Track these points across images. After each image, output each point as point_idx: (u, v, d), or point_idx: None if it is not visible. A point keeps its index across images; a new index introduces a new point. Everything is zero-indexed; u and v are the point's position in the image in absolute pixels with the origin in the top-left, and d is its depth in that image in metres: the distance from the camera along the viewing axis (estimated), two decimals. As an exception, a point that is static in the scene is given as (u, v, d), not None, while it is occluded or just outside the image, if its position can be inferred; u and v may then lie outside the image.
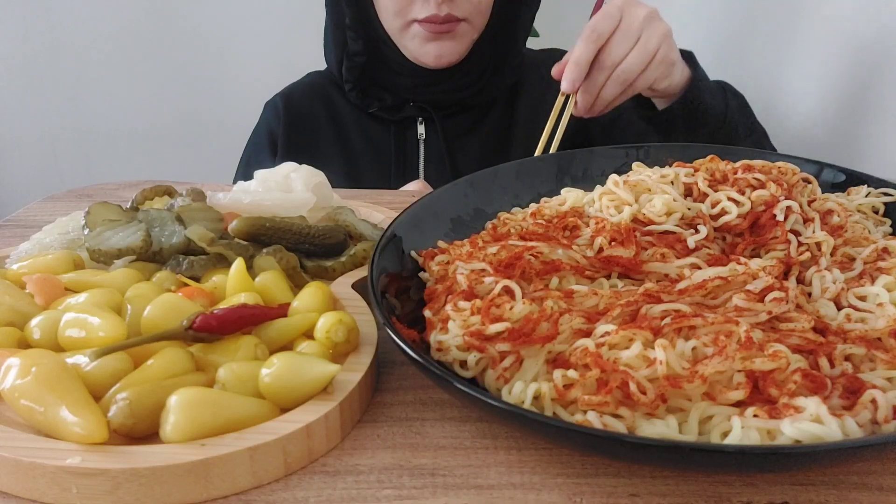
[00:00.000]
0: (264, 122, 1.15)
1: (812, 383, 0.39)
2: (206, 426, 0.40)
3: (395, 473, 0.41)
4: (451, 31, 1.01)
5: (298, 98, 1.14)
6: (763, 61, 1.33)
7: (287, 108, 1.13)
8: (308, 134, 1.12)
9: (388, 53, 1.07)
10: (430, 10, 0.97)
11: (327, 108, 1.13)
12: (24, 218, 0.74)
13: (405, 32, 1.02)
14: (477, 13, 1.02)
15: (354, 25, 1.05)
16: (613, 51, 0.81)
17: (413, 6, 0.99)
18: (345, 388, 0.43)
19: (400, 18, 1.01)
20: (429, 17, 0.98)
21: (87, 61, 2.24)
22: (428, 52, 1.02)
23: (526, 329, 0.44)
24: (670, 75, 0.86)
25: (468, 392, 0.39)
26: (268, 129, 1.13)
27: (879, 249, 0.53)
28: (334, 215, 0.64)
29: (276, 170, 0.69)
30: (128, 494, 0.38)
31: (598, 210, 0.59)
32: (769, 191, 0.57)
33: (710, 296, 0.48)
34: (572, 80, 0.83)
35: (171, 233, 0.57)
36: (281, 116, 1.12)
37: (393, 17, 1.01)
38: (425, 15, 0.98)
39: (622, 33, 0.81)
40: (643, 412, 0.39)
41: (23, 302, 0.51)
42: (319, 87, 1.15)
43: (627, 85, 0.83)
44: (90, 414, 0.39)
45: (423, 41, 1.01)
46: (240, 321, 0.47)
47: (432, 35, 1.00)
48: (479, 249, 0.53)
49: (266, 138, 1.13)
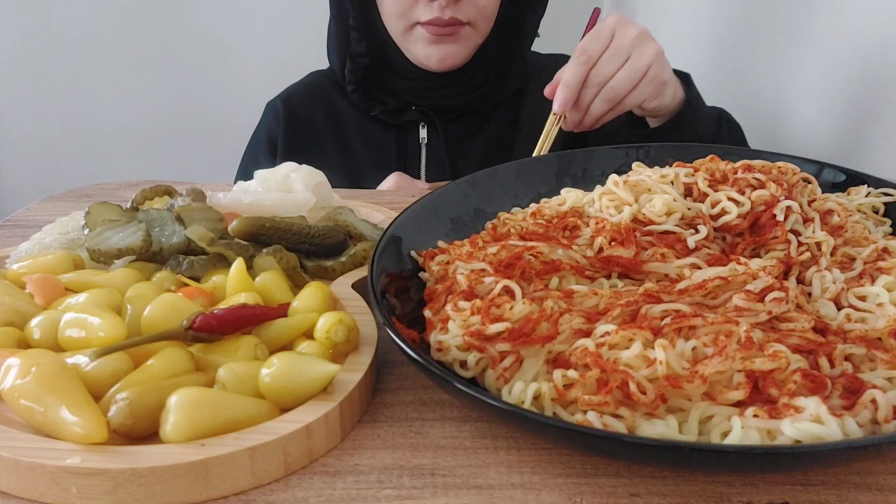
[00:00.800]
0: (264, 125, 1.15)
1: (812, 383, 0.39)
2: (206, 426, 0.40)
3: (395, 473, 0.41)
4: (455, 34, 1.00)
5: (299, 100, 1.14)
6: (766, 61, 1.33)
7: (287, 110, 1.12)
8: (308, 136, 1.11)
9: (391, 56, 1.06)
10: (433, 12, 0.97)
11: (328, 110, 1.12)
12: (24, 218, 0.74)
13: (408, 35, 1.02)
14: (482, 17, 1.01)
15: (358, 27, 1.05)
16: (602, 69, 0.83)
17: (416, 8, 0.98)
18: (345, 388, 0.43)
19: (403, 21, 1.00)
20: (432, 20, 0.97)
21: (88, 61, 2.24)
22: (431, 54, 1.02)
23: (526, 329, 0.44)
24: (661, 95, 0.86)
25: (468, 392, 0.39)
26: (267, 132, 1.13)
27: (879, 249, 0.53)
28: (334, 215, 0.64)
29: (276, 170, 0.69)
30: (128, 494, 0.38)
31: (598, 210, 0.59)
32: (769, 191, 0.57)
33: (710, 296, 0.48)
34: (563, 102, 0.84)
35: (171, 233, 0.57)
36: (281, 119, 1.12)
37: (396, 19, 1.01)
38: (428, 17, 0.97)
39: (612, 52, 0.83)
40: (643, 412, 0.39)
41: (23, 302, 0.50)
42: (321, 89, 1.15)
43: (616, 102, 0.85)
44: (90, 414, 0.39)
45: (427, 44, 1.01)
46: (240, 321, 0.47)
47: (435, 38, 1.00)
48: (479, 249, 0.53)
49: (265, 141, 1.13)
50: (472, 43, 1.04)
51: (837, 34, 1.11)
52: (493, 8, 1.03)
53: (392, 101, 1.08)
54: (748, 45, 1.40)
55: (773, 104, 1.28)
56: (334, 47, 1.11)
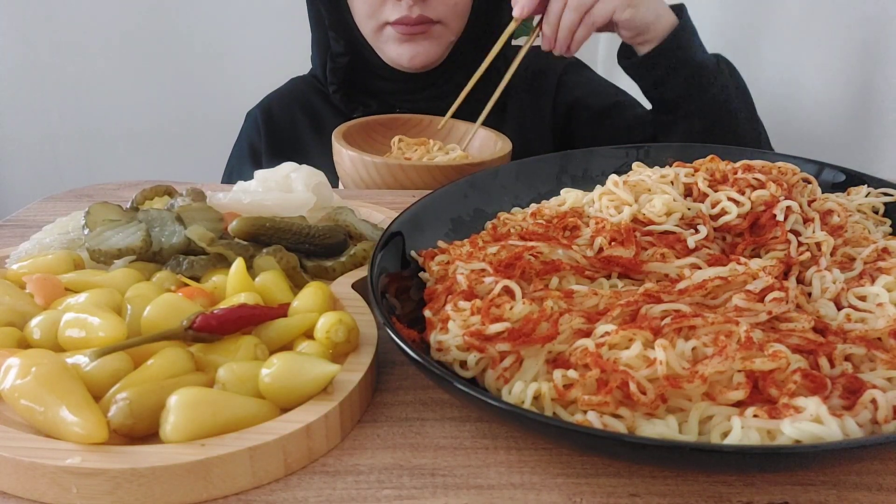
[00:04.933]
0: (245, 135, 1.14)
1: (812, 383, 0.39)
2: (206, 426, 0.40)
3: (395, 473, 0.41)
4: (426, 33, 0.99)
5: (278, 108, 1.13)
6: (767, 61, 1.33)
7: (266, 120, 1.11)
8: (291, 143, 1.11)
9: (368, 57, 1.06)
10: (401, 11, 0.96)
11: (309, 115, 1.12)
12: (24, 218, 0.74)
13: (379, 35, 1.02)
14: (453, 15, 1.01)
15: (334, 26, 1.05)
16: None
17: (384, 8, 0.98)
18: (345, 388, 0.43)
19: (373, 21, 1.00)
20: (400, 19, 0.97)
21: (88, 61, 2.24)
22: (402, 53, 1.01)
23: (526, 329, 0.44)
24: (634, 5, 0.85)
25: (468, 392, 0.39)
26: (248, 142, 1.13)
27: (879, 249, 0.53)
28: (334, 215, 0.64)
29: (276, 170, 0.69)
30: (128, 494, 0.38)
31: (597, 210, 0.59)
32: (769, 191, 0.57)
33: (710, 296, 0.48)
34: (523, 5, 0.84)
35: (171, 233, 0.57)
36: (261, 128, 1.11)
37: (366, 19, 1.01)
38: (397, 16, 0.97)
39: None
40: (643, 412, 0.39)
41: (23, 302, 0.50)
42: (300, 94, 1.14)
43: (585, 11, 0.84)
44: (90, 414, 0.39)
45: (397, 43, 1.00)
46: (240, 321, 0.47)
47: (405, 37, 0.99)
48: (479, 249, 0.53)
49: (247, 151, 1.12)
50: (445, 41, 1.03)
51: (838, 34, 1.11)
52: (464, 5, 1.02)
53: (375, 104, 1.08)
54: (749, 44, 1.40)
55: (773, 104, 1.28)
56: (316, 49, 1.10)
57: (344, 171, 0.88)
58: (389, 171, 0.83)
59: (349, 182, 0.88)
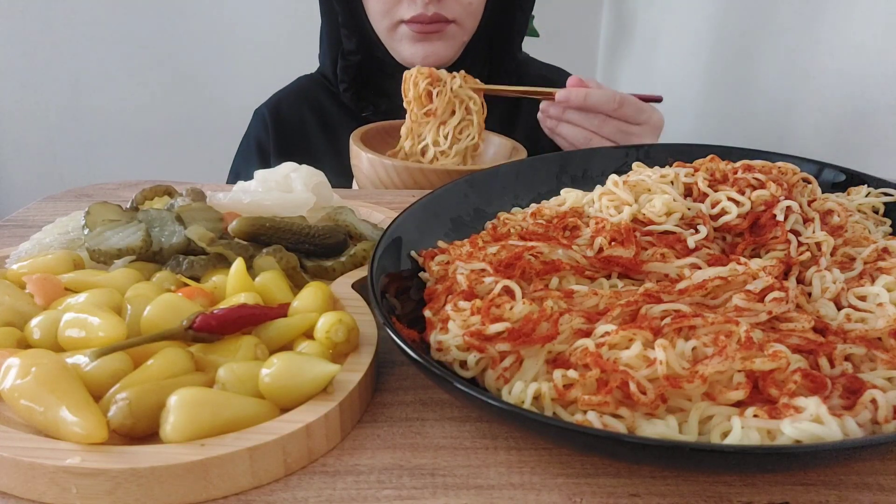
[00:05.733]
0: (252, 132, 1.14)
1: (812, 383, 0.39)
2: (206, 426, 0.40)
3: (395, 473, 0.41)
4: (440, 32, 1.00)
5: (287, 106, 1.13)
6: (768, 61, 1.33)
7: (275, 118, 1.11)
8: (299, 141, 1.11)
9: (380, 56, 1.06)
10: (416, 9, 0.96)
11: (318, 113, 1.12)
12: (24, 218, 0.74)
13: (393, 34, 1.02)
14: (467, 14, 1.01)
15: (347, 24, 1.05)
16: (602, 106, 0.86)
17: (400, 6, 0.98)
18: (345, 388, 0.43)
19: (387, 19, 1.00)
20: (415, 17, 0.97)
21: (88, 61, 2.24)
22: (416, 53, 1.01)
23: (526, 329, 0.44)
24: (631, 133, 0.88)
25: (468, 392, 0.39)
26: (256, 140, 1.13)
27: (879, 249, 0.53)
28: (334, 215, 0.64)
29: (276, 170, 0.69)
30: (127, 494, 0.38)
31: (597, 210, 0.59)
32: (769, 191, 0.57)
33: (710, 296, 0.48)
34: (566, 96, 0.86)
35: (171, 233, 0.57)
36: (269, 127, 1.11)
37: (380, 17, 1.01)
38: (412, 15, 0.97)
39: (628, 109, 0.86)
40: (643, 412, 0.39)
41: (23, 302, 0.50)
42: (309, 93, 1.14)
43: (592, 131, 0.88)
44: (90, 414, 0.39)
45: (412, 42, 1.01)
46: (240, 321, 0.47)
47: (420, 35, 0.99)
48: (479, 249, 0.53)
49: (255, 148, 1.12)
50: (459, 41, 1.03)
51: (838, 34, 1.11)
52: (478, 4, 1.02)
53: (384, 104, 1.08)
54: (750, 45, 1.40)
55: (774, 104, 1.28)
56: (326, 47, 1.10)
57: (362, 173, 0.88)
58: (409, 173, 0.83)
59: (367, 183, 0.88)
